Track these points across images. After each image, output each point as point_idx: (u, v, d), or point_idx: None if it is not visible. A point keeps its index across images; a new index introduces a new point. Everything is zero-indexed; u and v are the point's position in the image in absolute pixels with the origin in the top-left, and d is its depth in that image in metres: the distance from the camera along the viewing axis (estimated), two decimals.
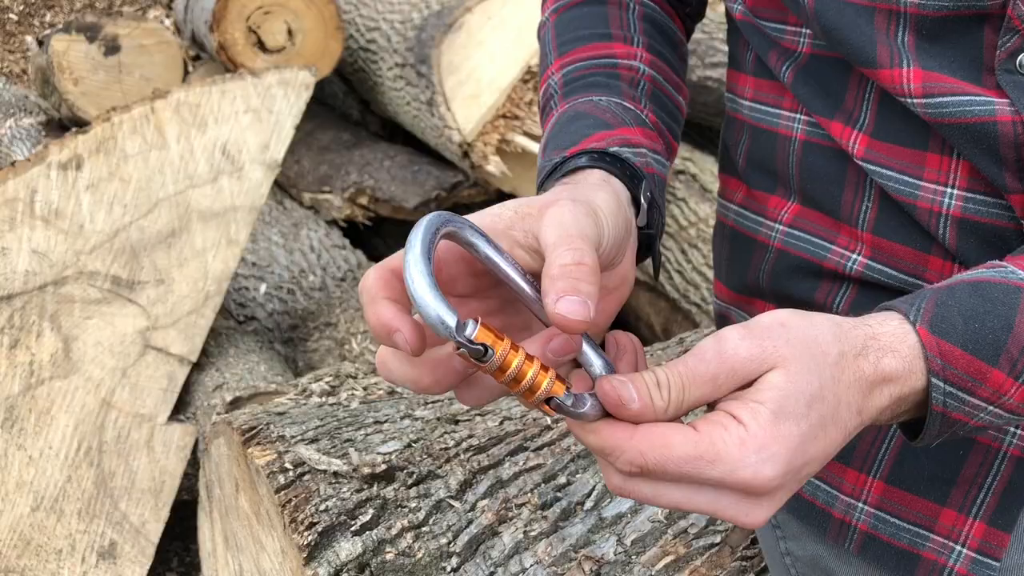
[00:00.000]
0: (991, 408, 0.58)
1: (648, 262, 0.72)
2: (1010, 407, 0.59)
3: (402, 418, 1.09)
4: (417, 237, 0.49)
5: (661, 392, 0.51)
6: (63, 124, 2.63)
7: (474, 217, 0.56)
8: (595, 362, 0.55)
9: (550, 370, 0.50)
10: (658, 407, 0.50)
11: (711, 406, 0.53)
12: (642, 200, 0.65)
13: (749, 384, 0.52)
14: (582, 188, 0.60)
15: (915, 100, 0.68)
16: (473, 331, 0.48)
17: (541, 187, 0.69)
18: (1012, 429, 0.73)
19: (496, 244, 0.54)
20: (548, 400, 0.50)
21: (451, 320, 0.47)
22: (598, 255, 0.53)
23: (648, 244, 0.68)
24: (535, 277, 0.55)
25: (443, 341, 0.52)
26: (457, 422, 1.09)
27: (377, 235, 2.56)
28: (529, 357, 0.50)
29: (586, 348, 0.55)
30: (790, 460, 0.50)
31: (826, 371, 0.52)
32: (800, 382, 0.51)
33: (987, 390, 0.58)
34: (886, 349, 0.56)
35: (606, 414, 0.51)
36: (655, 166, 0.70)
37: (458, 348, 0.48)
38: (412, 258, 0.48)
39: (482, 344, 0.48)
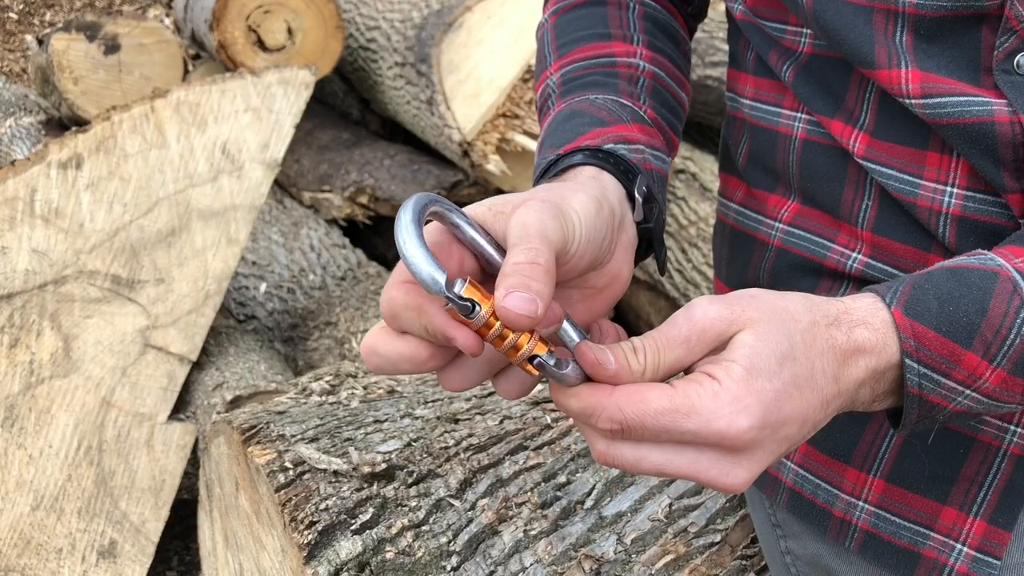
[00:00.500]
0: (968, 392, 0.59)
1: (651, 260, 0.73)
2: (987, 391, 0.59)
3: (402, 417, 1.09)
4: (408, 208, 0.53)
5: (637, 356, 0.53)
6: (63, 123, 2.63)
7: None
8: (576, 340, 0.57)
9: (534, 332, 0.53)
10: (634, 369, 0.53)
11: (687, 372, 0.54)
12: (636, 195, 0.65)
13: (722, 347, 0.53)
14: (561, 188, 0.60)
15: (913, 100, 0.68)
16: (461, 288, 0.51)
17: (536, 185, 0.69)
18: (1012, 427, 0.73)
19: (479, 228, 0.56)
20: (532, 360, 0.53)
21: (441, 278, 0.50)
22: (566, 256, 0.55)
23: (649, 240, 0.68)
24: None
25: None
26: (457, 421, 1.09)
27: (377, 234, 2.56)
28: None
29: (568, 328, 0.57)
30: (764, 414, 0.51)
31: (796, 335, 0.54)
32: (770, 341, 0.52)
33: (962, 372, 0.58)
34: (858, 322, 0.57)
35: (586, 380, 0.54)
36: (653, 162, 0.70)
37: (447, 304, 0.51)
38: (404, 223, 0.52)
39: (470, 300, 0.51)
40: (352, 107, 2.87)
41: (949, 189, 0.70)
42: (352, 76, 2.70)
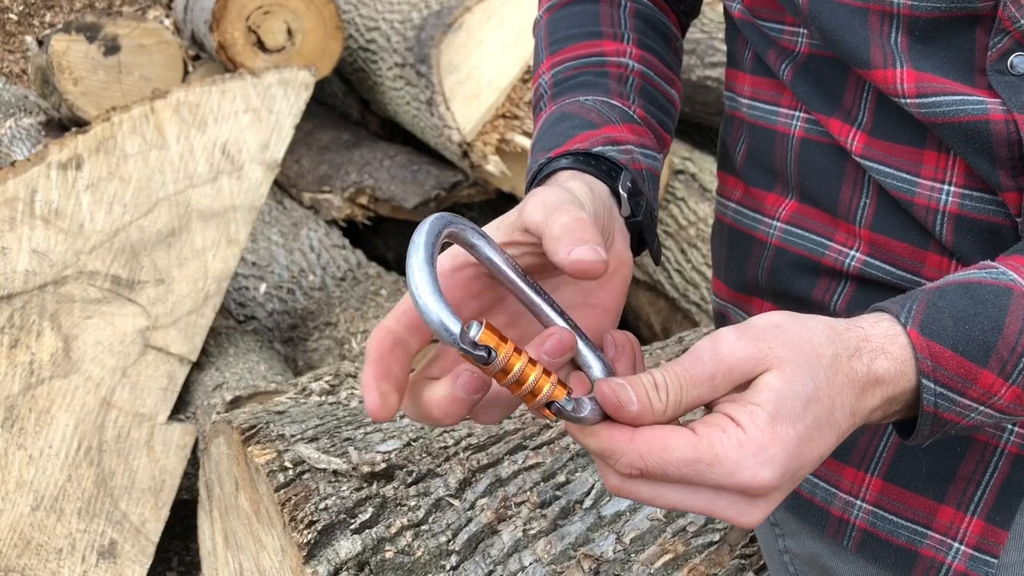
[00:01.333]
0: (982, 408, 0.59)
1: (657, 263, 0.73)
2: (1000, 407, 0.59)
3: (401, 416, 1.09)
4: (420, 241, 0.50)
5: (659, 394, 0.51)
6: (63, 124, 2.63)
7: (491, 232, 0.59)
8: (593, 364, 0.55)
9: (552, 375, 0.51)
10: (656, 409, 0.51)
11: (708, 406, 0.53)
12: (620, 191, 0.65)
13: (746, 385, 0.52)
14: (553, 185, 0.62)
15: (909, 100, 0.68)
16: (477, 333, 0.49)
17: (529, 188, 0.70)
18: (1009, 426, 0.73)
19: (496, 246, 0.55)
20: (549, 404, 0.51)
21: (455, 327, 0.48)
22: None
23: (641, 236, 0.69)
24: (534, 281, 0.57)
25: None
26: None
27: (376, 235, 2.56)
28: (532, 361, 0.51)
29: (584, 350, 0.56)
30: (787, 462, 0.51)
31: (820, 373, 0.53)
32: (796, 384, 0.51)
33: (977, 390, 0.58)
34: (878, 351, 0.56)
35: (605, 416, 0.52)
36: (643, 160, 0.71)
37: (463, 354, 0.49)
38: (416, 264, 0.49)
39: (485, 347, 0.49)
40: (352, 108, 2.87)
41: (946, 187, 0.70)
42: (352, 77, 2.71)
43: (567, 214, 0.54)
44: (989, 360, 0.57)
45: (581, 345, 0.55)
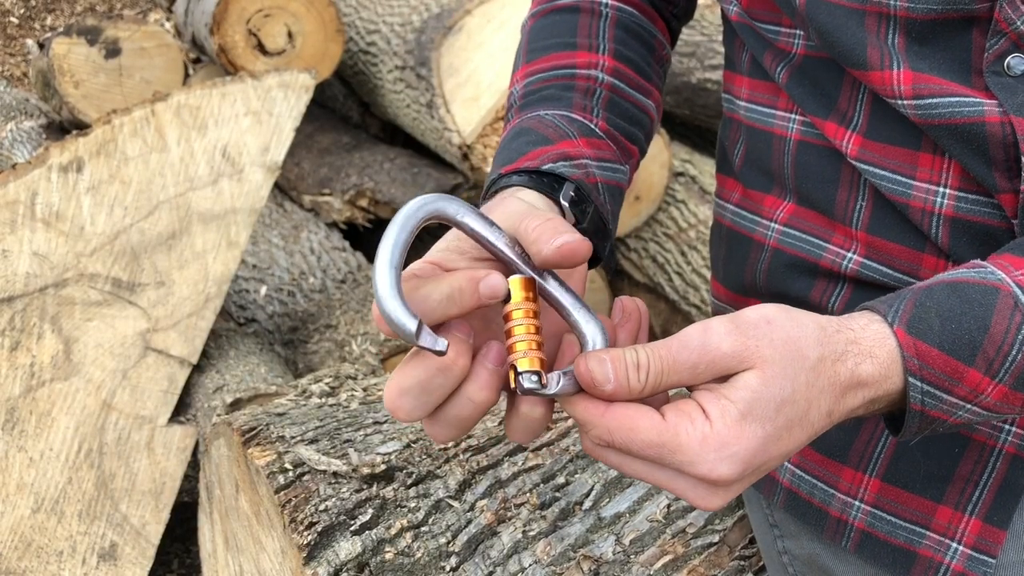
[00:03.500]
0: (969, 406, 0.59)
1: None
2: (987, 405, 0.59)
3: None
4: (392, 234, 0.52)
5: (639, 374, 0.53)
6: (64, 127, 2.63)
7: (432, 255, 0.60)
8: (587, 331, 0.56)
9: (533, 350, 0.53)
10: (633, 388, 0.52)
11: (689, 388, 0.55)
12: (562, 200, 0.67)
13: (727, 376, 0.53)
14: (508, 198, 0.64)
15: (905, 101, 0.68)
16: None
17: (484, 197, 0.71)
18: (1006, 427, 0.73)
19: (487, 218, 0.56)
20: (519, 375, 0.53)
21: (411, 326, 0.50)
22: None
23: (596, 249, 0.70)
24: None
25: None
26: None
27: (377, 237, 2.56)
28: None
29: (580, 318, 0.56)
30: (749, 460, 0.52)
31: (801, 376, 0.53)
32: (774, 387, 0.52)
33: (964, 389, 0.58)
34: (865, 354, 0.57)
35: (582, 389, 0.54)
36: (598, 174, 0.72)
37: (420, 350, 0.51)
38: (381, 263, 0.51)
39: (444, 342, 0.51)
40: (352, 110, 2.87)
41: (941, 190, 0.71)
42: (352, 80, 2.71)
43: (537, 218, 0.56)
44: (975, 359, 0.58)
45: (579, 313, 0.56)
